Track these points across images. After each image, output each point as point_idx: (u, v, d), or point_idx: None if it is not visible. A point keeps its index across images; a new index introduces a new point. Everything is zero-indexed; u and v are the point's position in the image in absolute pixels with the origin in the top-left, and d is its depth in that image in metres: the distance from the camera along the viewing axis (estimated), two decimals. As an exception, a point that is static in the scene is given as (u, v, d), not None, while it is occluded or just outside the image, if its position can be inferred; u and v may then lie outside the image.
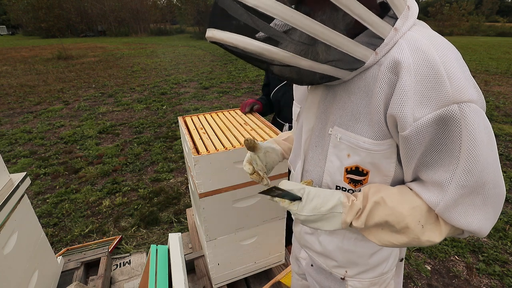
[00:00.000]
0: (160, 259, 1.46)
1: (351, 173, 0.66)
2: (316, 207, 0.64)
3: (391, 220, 0.60)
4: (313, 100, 0.70)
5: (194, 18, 28.44)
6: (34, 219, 1.56)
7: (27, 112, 5.62)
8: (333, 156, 0.68)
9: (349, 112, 0.63)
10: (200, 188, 1.29)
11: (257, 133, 1.45)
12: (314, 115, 0.71)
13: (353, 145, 0.63)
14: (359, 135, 0.61)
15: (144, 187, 3.10)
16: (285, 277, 1.63)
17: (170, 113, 5.41)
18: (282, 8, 0.47)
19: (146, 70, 9.69)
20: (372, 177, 0.65)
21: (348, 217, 0.63)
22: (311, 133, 0.72)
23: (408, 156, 0.58)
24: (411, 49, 0.54)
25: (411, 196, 0.61)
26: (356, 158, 0.64)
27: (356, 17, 0.51)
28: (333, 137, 0.66)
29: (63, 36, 29.17)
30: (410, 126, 0.53)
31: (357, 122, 0.62)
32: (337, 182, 0.69)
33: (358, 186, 0.67)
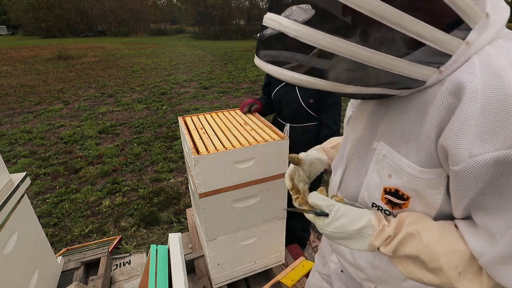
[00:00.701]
0: (160, 259, 1.46)
1: (390, 194, 0.60)
2: (342, 226, 0.60)
3: (422, 256, 0.54)
4: (363, 109, 0.65)
5: (194, 18, 28.46)
6: (34, 219, 1.56)
7: (27, 112, 5.62)
8: (374, 172, 0.63)
9: (399, 130, 0.56)
10: (200, 188, 1.29)
11: (257, 133, 1.45)
12: (363, 125, 0.66)
13: (396, 166, 0.57)
14: (404, 157, 0.56)
15: (144, 187, 3.10)
16: (285, 277, 1.63)
17: (170, 113, 5.41)
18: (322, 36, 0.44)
19: (146, 70, 9.69)
20: (414, 204, 0.58)
21: (376, 241, 0.58)
22: (357, 142, 0.68)
23: (458, 193, 0.50)
24: (483, 69, 0.44)
25: (454, 237, 0.53)
26: (398, 181, 0.58)
27: (413, 35, 0.43)
28: (377, 152, 0.61)
29: (63, 36, 29.16)
30: (464, 162, 0.45)
31: (406, 143, 0.55)
32: (374, 200, 0.64)
33: (396, 209, 0.61)
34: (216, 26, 26.45)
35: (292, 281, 1.60)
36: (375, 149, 0.62)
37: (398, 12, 0.41)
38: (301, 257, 1.78)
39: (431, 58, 0.47)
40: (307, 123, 1.72)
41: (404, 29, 0.43)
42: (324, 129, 1.68)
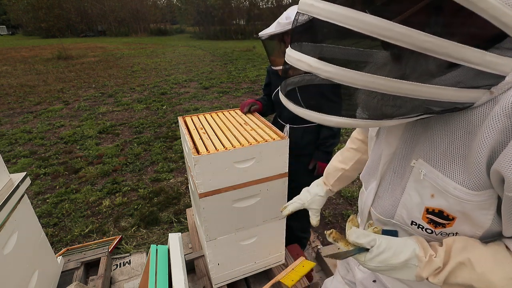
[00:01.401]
0: (160, 259, 1.46)
1: (432, 214, 0.57)
2: (385, 260, 0.57)
3: (477, 286, 0.52)
4: (399, 125, 0.61)
5: (194, 18, 28.45)
6: (34, 219, 1.56)
7: (27, 112, 5.62)
8: (413, 190, 0.60)
9: (442, 149, 0.53)
10: (200, 188, 1.29)
11: (257, 133, 1.45)
12: (398, 139, 0.62)
13: (439, 188, 0.54)
14: (450, 179, 0.52)
15: (144, 187, 3.10)
16: (285, 277, 1.63)
17: (170, 113, 5.41)
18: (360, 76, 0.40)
19: (146, 70, 9.69)
20: (459, 224, 0.56)
21: (424, 273, 0.55)
22: (392, 157, 0.65)
23: (508, 214, 0.48)
24: None
25: (509, 262, 0.50)
26: (442, 202, 0.55)
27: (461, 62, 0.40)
28: (415, 170, 0.58)
29: (63, 36, 29.16)
30: None
31: (450, 164, 0.52)
32: (413, 218, 0.61)
33: (439, 228, 0.58)
34: (216, 26, 26.44)
35: (292, 281, 1.60)
36: (413, 167, 0.58)
37: (442, 42, 0.38)
38: (301, 257, 1.77)
39: (482, 81, 0.43)
40: (307, 124, 1.72)
41: (450, 58, 0.39)
42: (324, 130, 1.68)
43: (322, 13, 0.40)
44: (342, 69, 0.41)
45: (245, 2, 27.99)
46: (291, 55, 0.46)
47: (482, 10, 0.37)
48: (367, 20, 0.37)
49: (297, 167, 1.76)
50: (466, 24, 0.40)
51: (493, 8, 0.37)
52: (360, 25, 0.37)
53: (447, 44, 0.38)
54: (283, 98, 0.52)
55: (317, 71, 0.42)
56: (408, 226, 0.63)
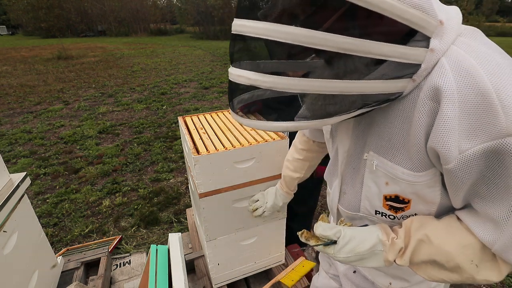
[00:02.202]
0: (160, 259, 1.46)
1: (391, 200, 0.63)
2: (353, 249, 0.61)
3: (438, 259, 0.56)
4: (347, 124, 0.66)
5: (194, 18, 28.45)
6: (34, 219, 1.56)
7: (27, 112, 5.62)
8: (370, 181, 0.65)
9: (387, 139, 0.58)
10: (200, 188, 1.29)
11: (257, 133, 1.45)
12: (349, 137, 0.67)
13: (391, 175, 0.59)
14: (398, 165, 0.57)
15: (144, 187, 3.10)
16: (285, 277, 1.63)
17: (170, 113, 5.41)
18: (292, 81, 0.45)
19: (146, 70, 9.69)
20: (415, 204, 0.61)
21: (389, 256, 0.59)
22: (348, 154, 0.69)
23: (454, 187, 0.53)
24: (455, 71, 0.46)
25: (461, 232, 0.55)
26: (396, 188, 0.60)
27: (380, 57, 0.45)
28: (368, 162, 0.63)
29: (63, 36, 29.15)
30: (455, 160, 0.47)
31: (396, 152, 0.57)
32: (376, 208, 0.66)
33: (399, 213, 0.64)
34: (216, 26, 26.43)
35: (292, 281, 1.60)
36: (366, 160, 0.63)
37: (360, 42, 0.43)
38: (301, 257, 1.77)
39: (403, 71, 0.49)
40: None
41: (370, 54, 0.44)
42: None
43: (254, 31, 0.44)
44: (279, 78, 0.44)
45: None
46: (232, 73, 0.49)
47: (385, 11, 0.42)
48: (293, 31, 0.41)
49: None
50: (380, 24, 0.46)
51: (393, 7, 0.42)
52: (288, 37, 0.41)
53: (364, 43, 0.43)
54: (233, 115, 0.55)
55: (257, 83, 0.45)
56: (373, 216, 0.68)
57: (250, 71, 0.46)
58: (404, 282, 0.75)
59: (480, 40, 0.50)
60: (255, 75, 0.46)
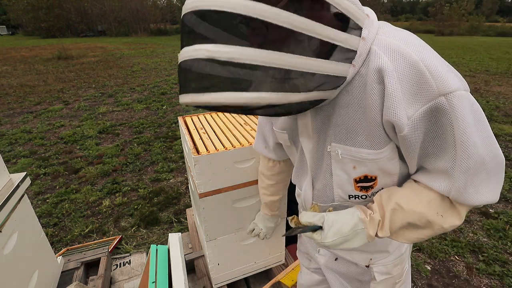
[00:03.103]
0: (160, 259, 1.46)
1: (360, 182, 0.69)
2: (338, 231, 0.65)
3: (412, 220, 0.63)
4: (305, 124, 0.72)
5: (194, 18, 28.39)
6: (34, 219, 1.56)
7: (27, 112, 5.62)
8: (338, 170, 0.70)
9: (344, 127, 0.64)
10: (200, 188, 1.29)
11: (257, 133, 1.45)
12: (309, 137, 0.73)
13: (357, 158, 0.65)
14: (361, 147, 0.64)
15: (144, 187, 3.10)
16: (285, 277, 1.63)
17: (170, 113, 5.41)
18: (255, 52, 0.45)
19: (146, 70, 9.69)
20: (380, 179, 0.68)
21: (371, 231, 0.64)
22: (313, 153, 0.74)
23: (409, 152, 0.60)
24: (387, 53, 0.55)
25: (422, 190, 0.63)
26: (363, 169, 0.66)
27: (327, 39, 0.50)
28: (333, 153, 0.68)
29: (63, 36, 29.16)
30: (407, 126, 0.55)
31: (355, 136, 0.64)
32: (349, 192, 0.72)
33: (369, 191, 0.70)
34: (216, 26, 26.39)
35: (292, 281, 1.60)
36: (329, 152, 0.69)
37: (310, 22, 0.47)
38: (301, 257, 1.77)
39: (344, 55, 0.55)
40: None
41: (319, 35, 0.49)
42: None
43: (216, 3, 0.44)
44: (241, 48, 0.45)
45: (245, 2, 27.97)
46: (185, 51, 0.47)
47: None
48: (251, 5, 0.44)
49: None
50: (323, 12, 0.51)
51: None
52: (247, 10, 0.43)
53: (314, 24, 0.48)
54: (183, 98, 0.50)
55: (217, 54, 0.45)
56: (348, 201, 0.74)
57: (209, 44, 0.45)
58: (382, 253, 0.83)
59: (394, 28, 0.61)
60: (215, 46, 0.45)
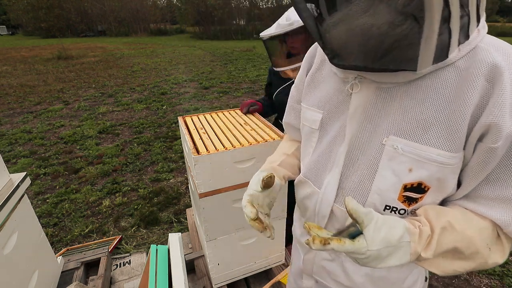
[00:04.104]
0: (160, 259, 1.46)
1: (410, 190, 0.56)
2: (386, 238, 0.50)
3: (460, 246, 0.52)
4: (358, 105, 0.59)
5: (194, 18, 28.45)
6: (34, 219, 1.56)
7: (27, 112, 5.62)
8: (386, 170, 0.57)
9: (415, 119, 0.53)
10: (200, 188, 1.29)
11: (257, 133, 1.45)
12: (357, 122, 0.60)
13: (420, 158, 0.53)
14: (431, 146, 0.52)
15: (144, 187, 3.10)
16: (285, 277, 1.63)
17: (170, 113, 5.41)
18: None
19: (146, 70, 9.69)
20: (430, 194, 0.56)
21: (418, 246, 0.52)
22: (356, 144, 0.61)
23: (481, 169, 0.51)
24: (499, 53, 0.48)
25: (473, 216, 0.54)
26: (423, 173, 0.54)
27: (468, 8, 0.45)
28: (388, 148, 0.56)
29: (63, 36, 29.16)
30: (504, 139, 0.47)
31: (427, 131, 0.52)
32: (388, 202, 0.58)
33: (412, 205, 0.58)
34: (216, 26, 26.44)
35: (292, 281, 1.60)
36: (383, 145, 0.56)
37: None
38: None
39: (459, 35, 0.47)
40: None
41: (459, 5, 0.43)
42: None
43: None
44: None
45: (245, 2, 28.01)
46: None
47: None
48: None
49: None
50: None
51: None
52: None
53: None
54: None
55: None
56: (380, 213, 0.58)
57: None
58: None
59: None
60: None
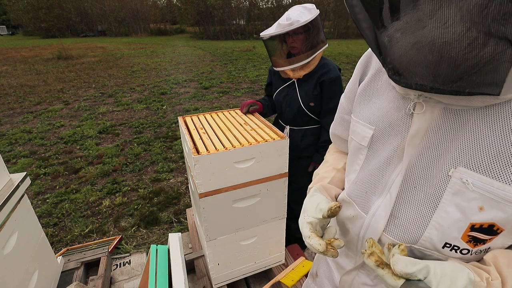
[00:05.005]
0: (160, 259, 1.46)
1: (478, 231, 0.49)
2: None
3: None
4: (420, 127, 0.52)
5: (194, 18, 28.44)
6: (34, 219, 1.56)
7: (27, 112, 5.62)
8: (451, 206, 0.50)
9: (491, 151, 0.46)
10: (200, 188, 1.29)
11: (257, 133, 1.45)
12: (417, 146, 0.53)
13: (495, 197, 0.46)
14: (508, 185, 0.44)
15: (144, 187, 3.10)
16: (285, 277, 1.63)
17: (170, 113, 5.41)
18: None
19: (146, 70, 9.69)
20: (500, 237, 0.50)
21: None
22: (409, 169, 0.55)
23: None
24: None
25: None
26: (497, 214, 0.47)
27: None
28: (455, 180, 0.49)
29: (63, 36, 29.17)
30: None
31: (503, 166, 0.45)
32: (449, 240, 0.52)
33: (478, 246, 0.51)
34: (216, 26, 26.44)
35: (292, 281, 1.60)
36: (450, 177, 0.49)
37: None
38: (301, 257, 1.78)
39: None
40: (307, 126, 1.71)
41: None
42: (325, 134, 1.67)
43: None
44: None
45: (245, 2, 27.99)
46: None
47: None
48: None
49: (297, 169, 1.76)
50: None
51: None
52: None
53: None
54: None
55: None
56: (436, 251, 0.54)
57: None
58: None
59: None
60: None
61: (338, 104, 0.85)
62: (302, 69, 1.58)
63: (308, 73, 1.59)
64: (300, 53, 1.55)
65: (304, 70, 1.58)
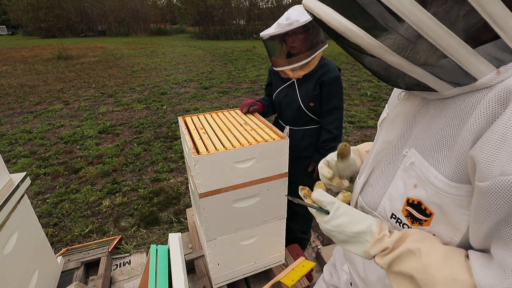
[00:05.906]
0: (160, 259, 1.46)
1: (411, 206, 0.55)
2: (340, 225, 0.58)
3: (418, 277, 0.50)
4: (400, 112, 0.61)
5: (194, 18, 28.44)
6: (34, 219, 1.56)
7: (27, 112, 5.62)
8: (400, 180, 0.58)
9: (433, 136, 0.52)
10: (200, 188, 1.29)
11: (257, 133, 1.45)
12: (397, 128, 0.62)
13: (422, 176, 0.52)
14: (433, 167, 0.50)
15: (144, 187, 3.10)
16: (285, 277, 1.63)
17: (170, 113, 5.41)
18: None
19: (146, 70, 9.69)
20: (436, 222, 0.52)
21: (372, 250, 0.55)
22: (387, 146, 0.64)
23: (479, 215, 0.44)
24: None
25: (459, 265, 0.47)
26: (422, 193, 0.53)
27: (486, 17, 0.38)
28: (406, 159, 0.56)
29: (63, 36, 29.17)
30: (493, 179, 0.39)
31: (437, 152, 0.51)
32: (394, 211, 0.59)
33: (415, 225, 0.56)
34: (216, 26, 26.43)
35: (292, 281, 1.60)
36: (404, 156, 0.57)
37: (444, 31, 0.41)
38: (301, 257, 1.77)
39: (496, 52, 0.42)
40: (307, 126, 1.71)
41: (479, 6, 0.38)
42: (325, 134, 1.67)
43: None
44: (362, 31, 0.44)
45: (245, 2, 27.98)
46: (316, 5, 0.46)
47: None
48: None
49: (297, 169, 1.76)
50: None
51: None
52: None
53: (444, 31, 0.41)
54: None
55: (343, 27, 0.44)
56: (387, 220, 0.61)
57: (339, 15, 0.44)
58: None
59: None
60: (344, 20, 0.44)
61: (338, 104, 0.88)
62: (301, 69, 1.58)
63: (308, 73, 1.59)
64: (300, 53, 1.55)
65: (304, 70, 1.58)
